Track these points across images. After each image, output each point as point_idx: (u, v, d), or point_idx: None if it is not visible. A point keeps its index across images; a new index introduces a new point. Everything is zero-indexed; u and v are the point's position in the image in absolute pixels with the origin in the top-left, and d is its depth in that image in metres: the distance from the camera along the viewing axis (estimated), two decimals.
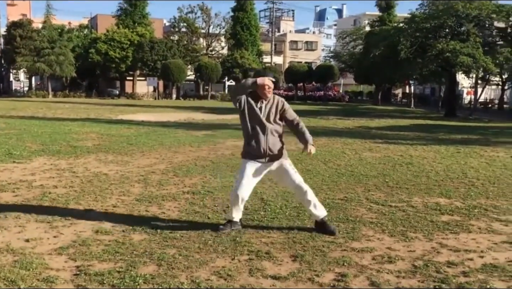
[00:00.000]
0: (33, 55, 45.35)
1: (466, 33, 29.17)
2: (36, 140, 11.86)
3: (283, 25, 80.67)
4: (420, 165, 9.61)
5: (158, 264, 4.00)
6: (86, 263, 3.99)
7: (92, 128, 15.37)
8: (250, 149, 4.86)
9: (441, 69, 32.14)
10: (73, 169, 8.21)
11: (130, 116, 22.35)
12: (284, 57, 71.16)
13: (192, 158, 9.75)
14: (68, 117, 20.69)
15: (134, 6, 52.50)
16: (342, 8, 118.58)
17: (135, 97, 48.14)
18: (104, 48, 47.63)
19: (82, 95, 47.90)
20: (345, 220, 5.43)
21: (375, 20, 51.91)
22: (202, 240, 4.62)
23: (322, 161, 9.71)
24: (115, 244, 4.44)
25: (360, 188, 7.20)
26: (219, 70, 49.30)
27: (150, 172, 8.11)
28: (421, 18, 30.36)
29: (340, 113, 29.40)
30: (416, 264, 4.13)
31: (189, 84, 57.59)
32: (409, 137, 15.69)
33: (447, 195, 6.84)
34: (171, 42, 50.61)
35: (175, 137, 13.34)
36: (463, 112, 34.38)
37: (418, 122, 23.75)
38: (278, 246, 4.49)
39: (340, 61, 59.38)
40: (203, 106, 34.54)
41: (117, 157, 9.67)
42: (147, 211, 5.66)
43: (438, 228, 5.20)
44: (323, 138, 14.14)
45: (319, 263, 4.09)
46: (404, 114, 31.73)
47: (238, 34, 54.28)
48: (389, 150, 11.98)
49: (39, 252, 4.23)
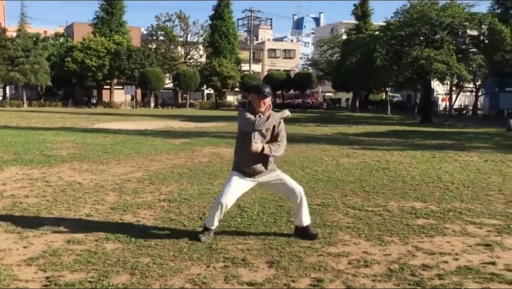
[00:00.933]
0: (7, 64, 44.44)
1: (440, 40, 29.73)
2: (9, 150, 11.59)
3: (261, 34, 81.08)
4: (396, 170, 9.70)
5: (131, 273, 3.91)
6: (57, 273, 3.88)
7: (67, 137, 15.11)
8: (241, 164, 4.83)
9: (416, 76, 32.68)
10: (46, 178, 8.03)
11: (106, 125, 22.06)
12: (262, 65, 71.46)
13: (169, 166, 9.65)
14: (42, 126, 20.31)
15: (111, 14, 52.04)
16: (319, 17, 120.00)
17: (112, 106, 47.64)
18: (80, 57, 47.03)
19: (58, 105, 47.20)
20: (322, 225, 5.42)
21: (352, 29, 52.55)
22: (177, 247, 4.55)
23: (299, 167, 9.71)
24: (87, 254, 4.34)
25: (337, 193, 7.22)
26: (198, 79, 49.21)
27: (125, 180, 7.98)
28: (396, 26, 30.83)
29: (318, 120, 29.61)
30: (391, 267, 4.14)
31: (168, 93, 57.31)
32: (385, 143, 15.86)
33: (423, 199, 6.90)
34: (148, 51, 50.32)
35: (152, 146, 13.20)
36: (438, 118, 34.97)
37: (394, 129, 24.05)
38: (254, 253, 4.45)
39: (318, 69, 59.96)
40: (181, 115, 34.36)
41: (92, 166, 9.50)
42: (122, 219, 5.56)
43: (413, 232, 5.23)
44: (301, 145, 14.18)
45: (295, 269, 4.06)
46: (381, 120, 32.12)
47: (216, 42, 54.32)
48: (366, 155, 12.07)
49: (7, 263, 4.10)
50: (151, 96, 50.61)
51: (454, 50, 28.85)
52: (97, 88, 53.11)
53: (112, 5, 51.75)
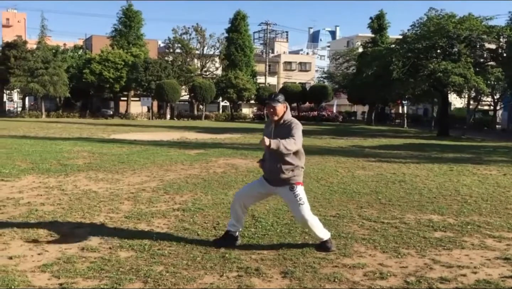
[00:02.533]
0: (27, 75, 45.28)
1: (458, 53, 29.47)
2: (26, 159, 11.74)
3: (277, 46, 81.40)
4: (413, 182, 9.57)
5: (144, 281, 3.89)
6: (70, 280, 3.88)
7: (84, 147, 15.25)
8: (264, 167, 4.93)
9: (433, 89, 32.40)
10: (62, 187, 8.09)
11: (123, 135, 22.26)
12: (278, 78, 71.64)
13: (184, 176, 9.66)
14: (60, 136, 20.56)
15: (129, 27, 52.81)
16: (335, 30, 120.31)
17: (129, 117, 48.11)
18: (98, 69, 47.70)
19: (75, 116, 47.81)
20: (337, 236, 5.35)
21: (368, 42, 52.52)
22: (190, 256, 4.53)
23: (314, 179, 9.64)
24: (101, 261, 4.33)
25: (352, 205, 7.13)
26: (213, 91, 49.49)
27: (140, 190, 8.01)
28: (412, 38, 30.71)
29: (333, 133, 29.47)
30: (408, 280, 4.05)
31: (184, 105, 57.70)
32: (402, 155, 15.69)
33: (440, 212, 6.78)
34: (165, 63, 50.81)
35: (167, 156, 13.25)
36: (456, 132, 34.55)
37: (411, 142, 23.80)
38: (268, 263, 4.40)
39: (333, 82, 59.89)
40: (197, 126, 34.51)
41: (107, 175, 9.56)
42: (136, 228, 5.56)
43: (431, 244, 5.12)
44: (316, 157, 14.10)
45: (309, 280, 4.00)
46: (397, 134, 31.84)
47: (233, 55, 54.63)
48: (382, 168, 11.95)
49: (22, 269, 4.11)
50: (167, 108, 50.98)
51: (472, 63, 28.61)
52: (114, 100, 53.75)
53: (130, 18, 52.56)
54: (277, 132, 4.67)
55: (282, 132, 4.63)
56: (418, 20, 31.85)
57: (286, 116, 4.72)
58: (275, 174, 4.70)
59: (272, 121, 4.77)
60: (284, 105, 4.71)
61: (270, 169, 4.76)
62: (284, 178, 4.70)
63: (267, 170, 4.82)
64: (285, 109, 4.72)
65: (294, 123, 4.69)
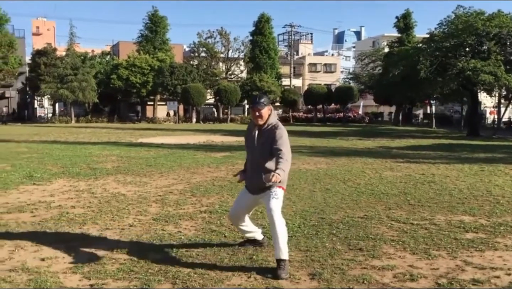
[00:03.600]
0: (57, 82, 46.35)
1: (487, 51, 28.80)
2: (57, 163, 12.00)
3: (301, 48, 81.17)
4: (442, 183, 9.39)
5: (173, 282, 3.92)
6: (100, 281, 3.94)
7: (112, 151, 15.50)
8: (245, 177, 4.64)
9: (462, 88, 31.74)
10: (92, 190, 8.24)
11: (150, 139, 22.53)
12: (303, 79, 71.38)
13: (210, 178, 9.71)
14: (89, 141, 20.96)
15: (154, 32, 53.52)
16: (360, 30, 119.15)
17: (155, 121, 48.68)
18: (125, 74, 48.47)
19: (104, 120, 48.64)
20: (365, 237, 5.29)
21: (394, 41, 51.84)
22: (218, 258, 4.54)
23: (341, 180, 9.56)
24: (130, 263, 4.39)
25: (380, 206, 7.04)
26: (239, 94, 49.63)
27: (168, 192, 8.09)
28: (440, 37, 30.16)
29: (359, 134, 29.17)
30: (439, 282, 3.97)
31: (209, 108, 58.06)
32: (431, 156, 15.41)
33: (471, 213, 6.63)
34: (190, 67, 51.24)
35: (194, 159, 13.35)
36: (486, 132, 33.74)
37: (440, 142, 23.37)
38: (295, 264, 4.37)
39: (359, 83, 59.28)
40: (222, 129, 34.66)
41: (135, 178, 9.69)
42: (164, 230, 5.61)
43: (462, 246, 5.01)
44: (342, 158, 13.99)
45: (338, 281, 3.96)
46: (426, 134, 31.31)
47: (257, 57, 54.68)
48: (410, 168, 11.76)
49: (54, 270, 4.20)
50: (193, 111, 51.38)
51: (502, 61, 27.91)
52: (141, 104, 54.51)
53: (156, 24, 53.27)
54: (261, 137, 4.36)
55: (265, 137, 4.32)
56: (445, 18, 31.23)
57: (271, 119, 4.39)
58: (261, 183, 4.20)
59: (255, 125, 4.43)
60: (269, 108, 4.39)
61: (256, 179, 4.31)
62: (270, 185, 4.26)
63: (253, 181, 4.43)
64: (270, 112, 4.39)
65: (279, 129, 4.30)
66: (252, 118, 4.47)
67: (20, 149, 16.27)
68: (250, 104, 4.48)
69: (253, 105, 4.39)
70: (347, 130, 35.02)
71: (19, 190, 8.25)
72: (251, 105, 4.43)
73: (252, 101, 4.45)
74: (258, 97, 4.43)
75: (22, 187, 8.51)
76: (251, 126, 4.56)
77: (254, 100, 4.43)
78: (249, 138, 4.49)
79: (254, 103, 4.39)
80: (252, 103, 4.43)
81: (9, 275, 4.06)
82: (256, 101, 4.39)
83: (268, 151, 4.29)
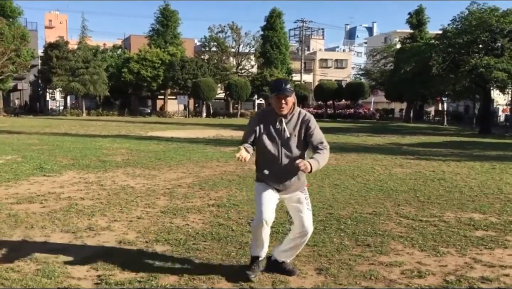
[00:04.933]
0: (68, 75, 46.61)
1: (501, 48, 28.48)
2: (67, 155, 12.08)
3: (313, 44, 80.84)
4: (453, 180, 9.30)
5: (180, 275, 3.93)
6: (108, 272, 3.95)
7: (122, 144, 15.57)
8: (263, 176, 3.88)
9: (475, 85, 31.42)
10: (101, 182, 8.29)
11: (160, 133, 22.60)
12: (314, 75, 71.12)
13: (219, 172, 9.71)
14: (99, 134, 21.06)
15: (166, 26, 53.66)
16: (372, 26, 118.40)
17: (166, 115, 48.83)
18: (136, 68, 48.64)
19: (114, 114, 48.83)
20: (373, 234, 5.25)
21: (406, 37, 51.41)
22: (225, 251, 4.54)
23: (350, 176, 9.51)
24: (138, 254, 4.41)
25: (389, 203, 6.99)
26: (249, 88, 49.59)
27: (176, 186, 8.10)
28: (453, 33, 29.86)
29: (370, 131, 29.02)
30: (448, 279, 3.93)
31: (219, 103, 58.08)
32: (441, 153, 15.28)
33: (482, 210, 6.57)
34: (201, 61, 51.27)
35: (203, 153, 13.36)
36: (499, 129, 33.40)
37: (451, 139, 23.17)
38: (302, 259, 4.36)
39: (370, 79, 58.91)
40: (232, 124, 34.66)
41: (144, 171, 9.72)
42: (171, 222, 5.62)
43: (471, 243, 4.96)
44: (352, 154, 13.92)
45: (345, 277, 3.94)
46: (437, 131, 31.08)
47: (268, 52, 54.60)
48: (420, 165, 11.67)
49: (62, 261, 4.22)
50: (203, 106, 51.45)
51: None
52: (151, 98, 54.71)
53: (167, 18, 53.39)
54: (290, 128, 3.76)
55: (297, 128, 3.76)
56: (459, 14, 30.90)
57: (295, 108, 3.82)
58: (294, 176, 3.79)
59: (277, 115, 3.76)
60: (293, 95, 3.77)
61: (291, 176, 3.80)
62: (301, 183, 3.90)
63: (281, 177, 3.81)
64: (294, 100, 3.78)
65: (309, 116, 3.80)
66: (276, 107, 3.74)
67: (31, 140, 16.40)
68: (275, 91, 3.72)
69: (279, 92, 3.69)
70: (357, 126, 34.85)
71: (30, 181, 8.32)
72: (277, 92, 3.70)
73: (278, 87, 3.72)
74: (284, 83, 3.75)
75: (33, 178, 8.58)
76: (266, 118, 3.85)
77: (279, 86, 3.72)
78: (270, 132, 3.78)
79: (281, 90, 3.69)
80: (277, 90, 3.70)
81: (17, 264, 4.10)
82: (283, 87, 3.70)
83: (301, 142, 3.78)
